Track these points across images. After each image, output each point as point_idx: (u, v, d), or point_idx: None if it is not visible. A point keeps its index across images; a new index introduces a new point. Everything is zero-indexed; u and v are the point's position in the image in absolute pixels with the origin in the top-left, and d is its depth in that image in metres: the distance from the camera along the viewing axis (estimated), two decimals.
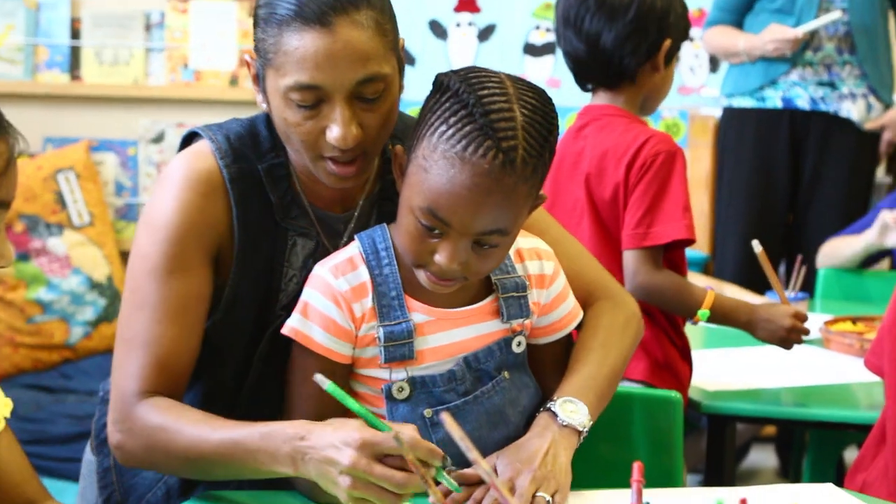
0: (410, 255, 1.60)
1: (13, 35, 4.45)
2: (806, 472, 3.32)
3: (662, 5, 2.38)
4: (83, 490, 1.92)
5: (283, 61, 1.58)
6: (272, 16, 1.59)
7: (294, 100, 1.59)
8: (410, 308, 1.65)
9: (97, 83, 4.47)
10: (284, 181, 1.72)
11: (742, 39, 3.85)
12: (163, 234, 1.65)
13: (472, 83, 1.54)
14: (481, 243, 1.56)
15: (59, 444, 3.42)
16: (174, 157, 1.72)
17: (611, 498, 1.68)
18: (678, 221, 2.30)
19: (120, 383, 1.63)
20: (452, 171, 1.51)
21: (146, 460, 1.63)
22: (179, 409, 1.60)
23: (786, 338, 2.36)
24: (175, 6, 4.49)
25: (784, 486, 1.99)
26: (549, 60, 4.62)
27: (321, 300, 1.63)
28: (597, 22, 2.37)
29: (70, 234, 4.24)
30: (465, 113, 1.52)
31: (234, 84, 4.50)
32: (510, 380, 1.71)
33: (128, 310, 1.66)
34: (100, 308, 4.19)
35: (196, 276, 1.66)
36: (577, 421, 1.65)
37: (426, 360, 1.65)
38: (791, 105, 3.89)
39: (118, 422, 1.62)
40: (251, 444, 1.52)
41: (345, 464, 1.43)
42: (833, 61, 3.87)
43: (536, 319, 1.74)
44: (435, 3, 4.59)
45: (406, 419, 1.63)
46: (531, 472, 1.57)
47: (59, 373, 4.03)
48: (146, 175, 4.52)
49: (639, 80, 2.42)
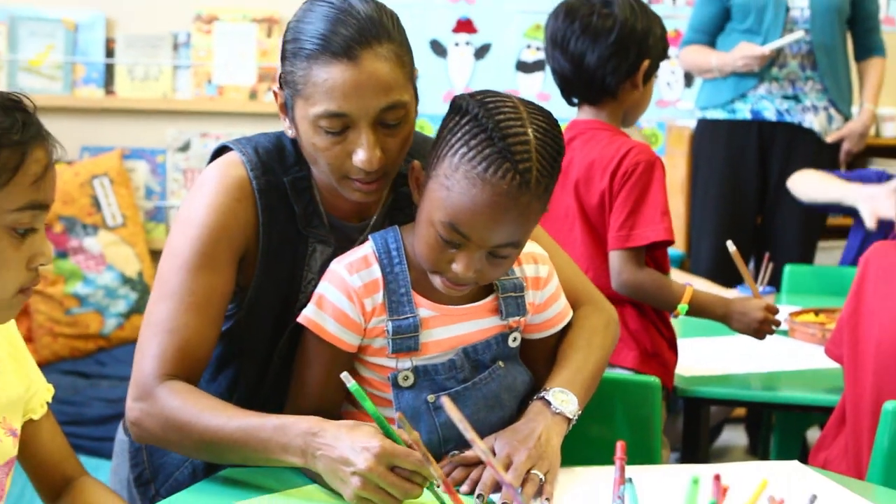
0: (428, 264, 1.59)
1: (53, 54, 4.45)
2: (773, 450, 3.31)
3: (642, 29, 2.37)
4: (115, 467, 1.92)
5: (312, 91, 1.57)
6: (301, 50, 1.58)
7: (322, 126, 1.58)
8: (417, 304, 1.64)
9: (129, 97, 4.47)
10: (307, 193, 1.71)
11: (714, 57, 3.86)
12: (196, 233, 1.64)
13: (489, 108, 1.53)
14: (495, 254, 1.57)
15: (94, 424, 3.41)
16: (208, 167, 1.72)
17: (597, 474, 1.68)
18: (658, 224, 2.30)
19: (142, 364, 1.62)
20: (474, 190, 1.50)
21: (161, 439, 1.62)
22: (198, 395, 1.59)
23: (759, 329, 2.37)
24: (200, 27, 4.49)
25: (753, 463, 1.99)
26: (539, 76, 4.62)
27: (336, 294, 1.63)
28: (582, 43, 2.36)
29: (104, 234, 4.24)
30: (485, 137, 1.51)
31: (254, 98, 4.49)
32: (505, 368, 1.70)
33: (155, 299, 1.65)
34: (131, 301, 4.18)
35: (222, 274, 1.66)
36: (568, 409, 1.66)
37: (430, 351, 1.65)
38: (759, 117, 3.89)
39: (138, 399, 1.61)
40: (265, 434, 1.52)
41: (361, 467, 1.43)
42: (797, 77, 3.88)
43: (531, 317, 1.74)
44: (435, 25, 4.59)
45: (410, 405, 1.63)
46: (527, 451, 1.57)
47: (95, 360, 4.02)
48: (173, 180, 4.52)
49: (620, 97, 2.41)
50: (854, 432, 2.17)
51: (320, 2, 1.61)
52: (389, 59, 1.58)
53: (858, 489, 1.68)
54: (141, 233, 4.34)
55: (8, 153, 1.25)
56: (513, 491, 1.18)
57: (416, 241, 1.61)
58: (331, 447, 1.47)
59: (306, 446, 1.49)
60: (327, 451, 1.47)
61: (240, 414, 1.56)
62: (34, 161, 1.27)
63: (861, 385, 2.18)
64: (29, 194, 1.27)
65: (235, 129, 4.47)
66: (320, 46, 1.56)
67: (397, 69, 1.59)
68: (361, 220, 1.75)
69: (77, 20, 4.46)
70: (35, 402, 1.46)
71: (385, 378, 1.65)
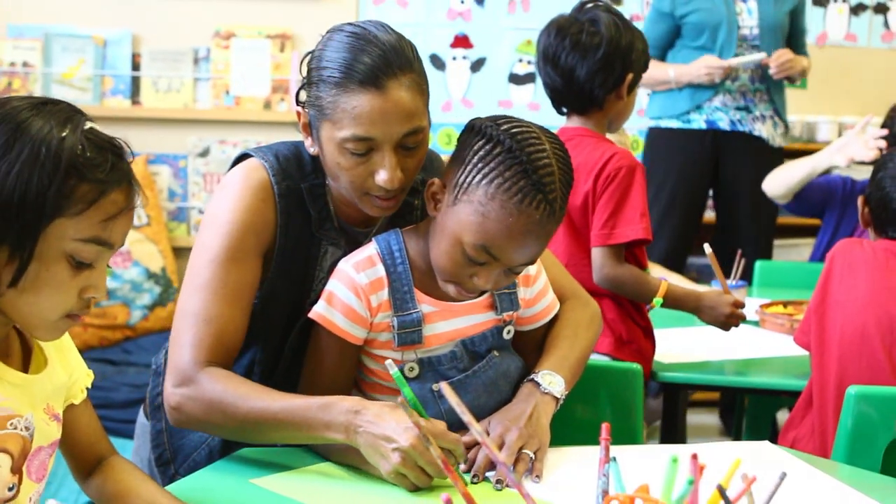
0: (448, 276, 1.59)
1: (84, 67, 4.44)
2: (745, 430, 3.31)
3: (626, 44, 2.37)
4: (137, 448, 1.92)
5: (341, 117, 1.57)
6: (330, 78, 1.58)
7: (349, 148, 1.58)
8: (419, 300, 1.64)
9: (154, 107, 4.46)
10: (321, 199, 1.71)
11: (672, 69, 3.84)
12: (225, 229, 1.63)
13: (519, 139, 1.53)
14: (513, 270, 1.59)
15: (121, 408, 3.41)
16: (231, 171, 1.71)
17: (583, 453, 1.67)
18: (637, 224, 2.31)
19: (180, 353, 1.60)
20: (510, 219, 1.51)
21: (203, 421, 1.59)
22: (238, 379, 1.59)
23: (726, 322, 2.39)
24: (219, 43, 4.48)
25: (727, 443, 1.98)
26: (530, 88, 4.61)
27: (344, 291, 1.62)
28: (571, 58, 2.36)
29: (131, 233, 4.22)
30: (520, 169, 1.51)
31: (268, 107, 4.49)
32: (500, 357, 1.70)
33: (189, 291, 1.63)
34: (155, 294, 4.18)
35: (250, 267, 1.65)
36: (555, 390, 1.66)
37: (431, 344, 1.65)
38: (714, 126, 3.88)
39: (179, 385, 1.59)
40: (310, 413, 1.51)
41: (404, 444, 1.44)
42: (747, 89, 3.88)
43: (522, 311, 1.74)
44: (434, 40, 4.58)
45: (417, 394, 1.62)
46: (518, 430, 1.57)
47: (122, 349, 4.02)
48: (194, 183, 4.51)
49: (605, 107, 2.42)
50: (820, 414, 2.17)
51: (345, 31, 1.61)
52: (411, 89, 1.58)
53: (824, 467, 1.67)
54: (164, 231, 4.34)
55: (88, 187, 1.24)
56: (505, 469, 1.17)
57: (436, 253, 1.60)
58: (374, 424, 1.47)
59: (349, 423, 1.49)
60: (370, 427, 1.47)
61: (283, 396, 1.55)
62: (111, 202, 1.26)
63: (826, 370, 2.18)
64: (96, 230, 1.25)
65: (251, 137, 4.46)
66: (348, 75, 1.56)
67: (418, 97, 1.60)
68: (367, 226, 1.75)
69: (106, 37, 4.45)
70: (76, 388, 1.45)
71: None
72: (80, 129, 1.26)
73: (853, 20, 4.84)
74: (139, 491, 1.43)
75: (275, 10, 4.48)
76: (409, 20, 4.50)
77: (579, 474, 1.58)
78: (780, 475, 1.17)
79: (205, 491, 1.50)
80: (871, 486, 1.58)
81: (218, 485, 1.53)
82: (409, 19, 4.51)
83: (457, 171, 1.57)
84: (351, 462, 1.56)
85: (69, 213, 1.23)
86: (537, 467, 1.56)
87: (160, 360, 1.86)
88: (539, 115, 1.69)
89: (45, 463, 1.37)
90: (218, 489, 1.51)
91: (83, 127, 1.27)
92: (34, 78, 4.40)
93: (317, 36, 1.68)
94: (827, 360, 2.18)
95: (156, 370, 1.86)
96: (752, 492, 1.14)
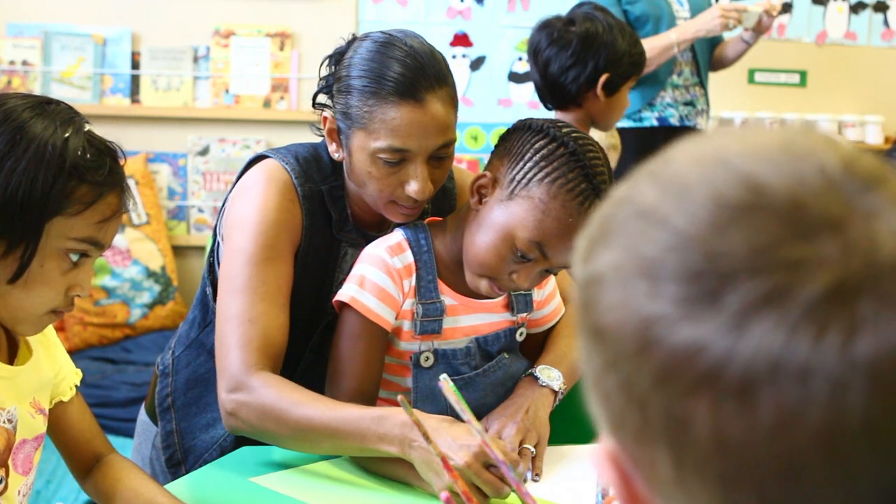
0: (489, 270, 1.58)
1: (84, 66, 4.44)
2: None
3: (602, 42, 2.40)
4: (137, 445, 1.91)
5: (377, 127, 1.56)
6: (366, 87, 1.57)
7: (382, 158, 1.58)
8: (442, 291, 1.64)
9: (153, 106, 4.46)
10: (341, 201, 1.71)
11: (673, 32, 3.67)
12: (257, 229, 1.61)
13: (581, 144, 1.54)
14: (551, 270, 1.60)
15: (121, 406, 3.41)
16: (250, 172, 1.69)
17: (583, 453, 1.67)
18: None
19: (229, 357, 1.56)
20: (570, 219, 1.51)
21: (257, 427, 1.55)
22: (292, 386, 1.55)
23: None
24: (218, 42, 4.48)
25: None
26: (529, 87, 4.60)
27: (377, 274, 1.61)
28: (548, 53, 2.42)
29: (130, 232, 4.23)
30: (583, 173, 1.52)
31: (267, 106, 4.49)
32: (509, 359, 1.71)
33: (227, 295, 1.60)
34: (155, 293, 4.18)
35: (285, 264, 1.63)
36: (554, 383, 1.67)
37: (449, 336, 1.66)
38: (666, 123, 3.87)
39: (232, 391, 1.55)
40: (364, 423, 1.48)
41: (460, 463, 1.40)
42: (690, 83, 3.87)
43: (533, 314, 1.76)
44: (434, 39, 4.56)
45: (428, 385, 1.63)
46: (515, 424, 1.58)
47: (121, 347, 4.02)
48: (194, 182, 4.51)
49: (584, 105, 2.46)
50: None
51: (377, 40, 1.60)
52: (447, 102, 1.59)
53: None
54: (164, 230, 4.34)
55: (87, 189, 1.26)
56: (506, 468, 1.17)
57: (477, 246, 1.58)
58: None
59: (404, 437, 1.45)
60: (425, 443, 1.41)
61: (336, 405, 1.52)
62: (107, 204, 1.29)
63: None
64: (92, 230, 1.28)
65: (251, 135, 4.46)
66: (385, 86, 1.56)
67: (451, 111, 1.60)
68: (380, 229, 1.76)
69: (105, 35, 4.45)
70: (64, 386, 1.46)
71: (405, 362, 1.65)
72: (82, 132, 1.28)
73: (853, 18, 4.84)
74: (138, 489, 1.43)
75: (274, 9, 4.48)
76: (409, 18, 4.50)
77: (579, 474, 1.58)
78: None
79: (205, 488, 1.50)
80: None
81: (218, 483, 1.53)
82: (409, 18, 4.50)
83: (512, 167, 1.56)
84: (402, 478, 1.52)
85: (68, 212, 1.26)
86: (538, 465, 1.56)
87: (166, 360, 1.85)
88: (538, 114, 1.71)
89: (31, 456, 1.38)
90: (217, 487, 1.51)
91: (84, 129, 1.29)
92: (34, 76, 4.40)
93: (316, 35, 1.67)
94: None
95: (163, 371, 1.85)
96: None
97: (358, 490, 1.49)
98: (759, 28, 3.76)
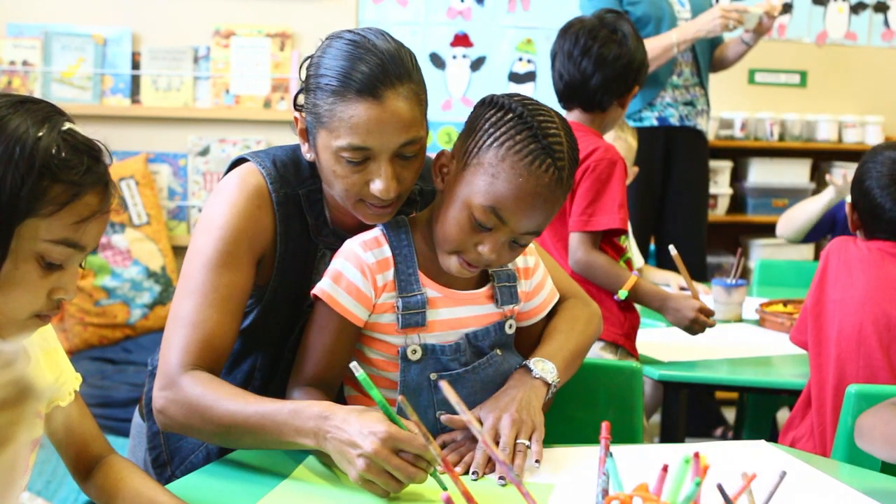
0: (453, 244, 1.59)
1: (84, 66, 4.44)
2: (745, 430, 3.31)
3: (640, 61, 2.56)
4: (132, 447, 1.91)
5: (337, 125, 1.56)
6: (327, 86, 1.57)
7: (345, 157, 1.58)
8: (423, 284, 1.64)
9: (153, 106, 4.46)
10: (319, 205, 1.71)
11: (674, 33, 3.70)
12: (219, 234, 1.62)
13: (530, 108, 1.56)
14: (517, 241, 1.59)
15: (120, 406, 3.41)
16: (228, 175, 1.70)
17: (583, 453, 1.67)
18: (614, 214, 2.43)
19: (167, 356, 1.59)
20: (520, 180, 1.52)
21: (185, 425, 1.58)
22: (218, 383, 1.57)
23: (690, 326, 2.47)
24: (218, 42, 4.48)
25: (727, 443, 1.98)
26: (529, 86, 4.61)
27: (350, 269, 1.62)
28: (591, 65, 2.52)
29: (131, 232, 4.23)
30: (530, 134, 1.53)
31: (267, 106, 4.49)
32: (501, 356, 1.70)
33: (180, 295, 1.63)
34: (155, 293, 4.18)
35: (242, 272, 1.64)
36: (547, 376, 1.66)
37: (435, 329, 1.65)
38: (666, 123, 3.87)
39: (163, 388, 1.58)
40: (280, 417, 1.49)
41: (368, 450, 1.40)
42: (690, 83, 3.88)
43: (521, 305, 1.74)
44: (434, 39, 4.57)
45: (415, 379, 1.63)
46: (510, 417, 1.57)
47: (121, 347, 4.02)
48: (194, 182, 4.51)
49: (608, 111, 2.59)
50: (819, 414, 2.17)
51: (344, 38, 1.60)
52: (409, 99, 1.58)
53: (824, 466, 1.67)
54: (164, 230, 4.34)
55: (62, 188, 1.22)
56: (506, 468, 1.17)
57: (442, 223, 1.60)
58: (340, 430, 1.44)
59: (318, 429, 1.46)
60: (337, 433, 1.44)
61: (257, 400, 1.54)
62: (84, 204, 1.25)
63: (824, 370, 2.18)
64: (67, 232, 1.24)
65: (251, 136, 4.46)
66: (346, 84, 1.55)
67: (416, 107, 1.59)
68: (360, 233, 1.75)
69: (106, 35, 4.45)
70: (63, 390, 1.45)
71: (391, 357, 1.64)
72: (58, 130, 1.24)
73: (853, 19, 4.83)
74: (139, 489, 1.42)
75: (275, 9, 4.48)
76: (409, 19, 4.50)
77: (579, 474, 1.57)
78: (780, 473, 1.17)
79: (205, 488, 1.50)
80: (871, 485, 1.57)
81: (218, 483, 1.53)
82: (409, 18, 4.50)
83: (466, 140, 1.59)
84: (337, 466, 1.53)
85: (41, 213, 1.22)
86: (536, 450, 1.55)
87: (155, 360, 1.86)
88: None
89: (27, 458, 1.37)
90: (218, 487, 1.51)
91: (61, 127, 1.25)
92: (34, 77, 4.40)
93: (317, 35, 1.67)
94: (824, 360, 2.18)
95: (151, 372, 1.85)
96: (751, 490, 1.14)
97: (360, 491, 1.49)
98: (759, 29, 3.76)
